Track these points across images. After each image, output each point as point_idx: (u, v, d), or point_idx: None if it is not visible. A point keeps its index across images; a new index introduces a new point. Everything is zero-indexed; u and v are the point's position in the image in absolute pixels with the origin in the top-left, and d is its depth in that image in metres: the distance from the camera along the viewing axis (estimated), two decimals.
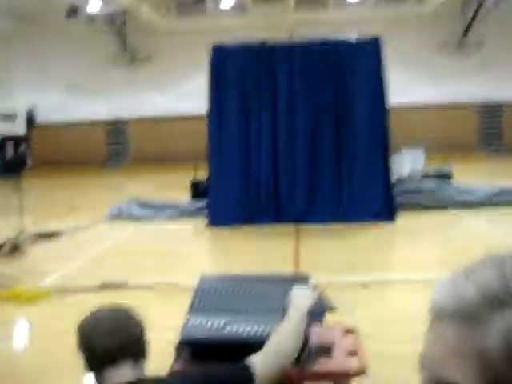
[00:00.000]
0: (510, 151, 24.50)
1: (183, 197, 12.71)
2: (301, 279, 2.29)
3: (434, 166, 14.25)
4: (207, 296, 2.18)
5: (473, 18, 24.10)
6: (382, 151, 10.52)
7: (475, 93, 25.08)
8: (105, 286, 6.35)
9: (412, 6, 23.74)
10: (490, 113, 25.71)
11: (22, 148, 27.29)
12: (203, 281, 2.31)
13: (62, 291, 6.38)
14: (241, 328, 2.04)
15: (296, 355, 1.90)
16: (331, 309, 2.37)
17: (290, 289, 2.01)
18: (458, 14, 24.33)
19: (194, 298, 2.20)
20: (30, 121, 27.46)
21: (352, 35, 11.23)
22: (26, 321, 5.92)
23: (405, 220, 10.15)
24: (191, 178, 13.26)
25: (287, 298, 1.99)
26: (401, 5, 23.81)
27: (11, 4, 22.00)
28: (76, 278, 6.98)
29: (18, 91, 27.41)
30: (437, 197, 11.25)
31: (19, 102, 27.27)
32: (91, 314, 1.77)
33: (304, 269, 6.80)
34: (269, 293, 2.17)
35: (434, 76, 25.40)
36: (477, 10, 23.57)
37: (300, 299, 2.02)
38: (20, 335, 5.67)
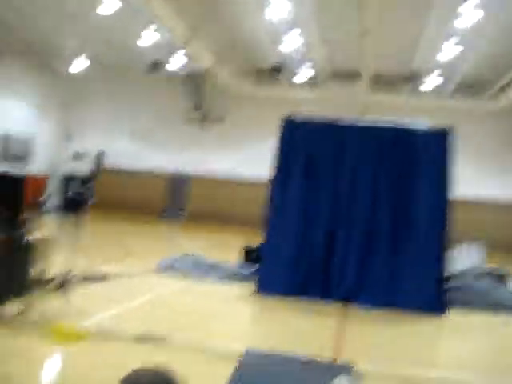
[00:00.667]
0: None
1: (235, 259, 12.71)
2: (343, 369, 2.22)
3: (491, 266, 13.80)
4: (249, 372, 2.13)
5: None
6: (440, 243, 10.28)
7: None
8: (143, 338, 6.32)
9: (486, 100, 23.65)
10: None
11: (87, 186, 28.15)
12: (248, 355, 2.26)
13: (101, 335, 6.39)
14: None
15: None
16: None
17: (332, 378, 1.94)
18: None
19: (237, 371, 2.15)
20: (98, 163, 28.41)
21: (424, 122, 11.22)
22: (62, 359, 5.92)
23: (453, 316, 9.80)
24: (245, 242, 13.28)
25: None
26: (475, 98, 23.76)
27: (100, 51, 23.19)
28: (117, 324, 6.98)
29: (92, 135, 28.53)
30: (489, 298, 10.84)
31: (91, 144, 28.34)
32: (134, 372, 1.75)
33: (345, 352, 6.60)
34: (311, 379, 2.11)
35: (504, 172, 24.99)
36: None
37: None
38: (51, 373, 5.67)
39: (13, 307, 6.83)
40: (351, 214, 10.48)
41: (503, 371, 6.73)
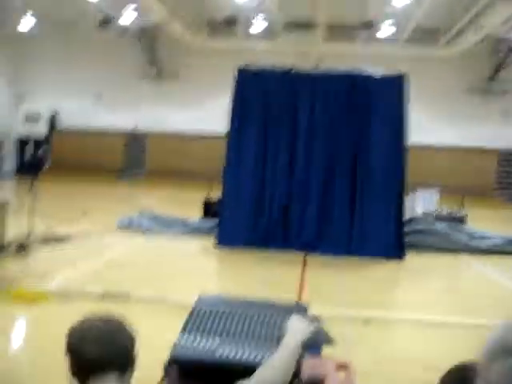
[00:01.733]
0: None
1: (195, 214, 12.73)
2: (299, 309, 2.26)
3: (449, 209, 14.15)
4: (203, 316, 2.16)
5: (500, 64, 24.11)
6: (398, 189, 10.46)
7: (496, 139, 25.01)
8: (106, 296, 6.34)
9: (441, 47, 23.79)
10: (509, 160, 25.58)
11: (42, 150, 27.57)
12: (201, 300, 2.28)
13: (64, 296, 6.37)
14: (233, 352, 2.01)
15: None
16: (329, 342, 2.34)
17: (288, 318, 1.97)
18: (486, 58, 24.36)
19: (190, 316, 2.17)
20: (53, 124, 27.78)
21: (378, 70, 11.24)
22: (24, 322, 5.91)
23: (414, 260, 10.08)
24: (204, 197, 13.29)
25: (283, 327, 1.95)
26: (430, 45, 23.87)
27: (47, 9, 22.40)
28: (79, 285, 6.96)
29: (44, 94, 27.78)
30: (449, 240, 11.14)
31: (43, 104, 27.62)
32: (82, 320, 1.74)
33: (307, 298, 6.74)
34: (265, 320, 2.14)
35: (457, 118, 25.39)
36: (505, 56, 23.59)
37: (296, 330, 1.99)
38: (16, 335, 5.65)
39: None
40: (309, 163, 10.52)
41: (463, 312, 6.97)
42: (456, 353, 1.87)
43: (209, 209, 12.58)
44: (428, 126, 23.85)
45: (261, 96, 10.64)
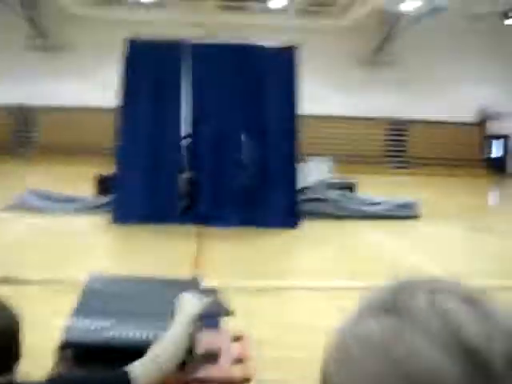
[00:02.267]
0: (413, 166, 25.68)
1: (88, 191, 12.39)
2: (191, 283, 2.27)
3: (340, 177, 14.65)
4: (94, 296, 2.12)
5: (388, 35, 25.02)
6: (290, 159, 10.66)
7: (385, 108, 26.06)
8: None
9: (332, 18, 24.30)
10: (397, 129, 26.80)
11: None
12: (92, 280, 2.24)
13: None
14: (125, 332, 1.99)
15: (179, 362, 1.88)
16: (227, 313, 2.36)
17: (179, 293, 1.97)
18: (375, 29, 25.16)
19: (80, 297, 2.12)
20: None
21: (269, 42, 11.32)
22: None
23: (306, 228, 10.37)
24: (97, 173, 12.94)
25: (175, 302, 1.95)
26: (321, 16, 24.32)
27: None
28: None
29: None
30: (339, 207, 11.56)
31: None
32: None
33: (203, 271, 6.78)
34: (157, 297, 2.14)
35: (347, 88, 26.15)
36: (392, 28, 24.48)
37: (188, 304, 1.99)
38: None
39: None
40: (201, 136, 10.49)
41: (357, 276, 7.26)
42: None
43: (103, 185, 12.27)
44: (319, 96, 24.38)
45: (151, 67, 10.43)
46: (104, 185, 12.09)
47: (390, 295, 0.61)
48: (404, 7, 21.92)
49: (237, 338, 2.47)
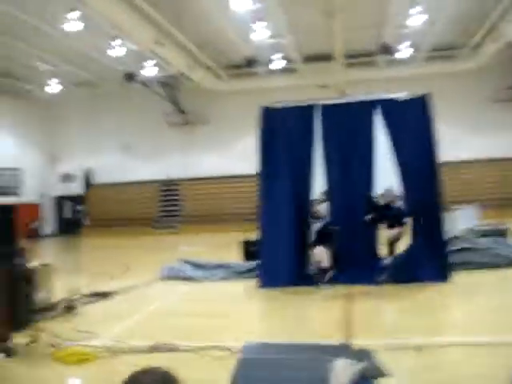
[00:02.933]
0: None
1: (233, 257, 12.73)
2: (343, 348, 2.24)
3: (489, 224, 13.88)
4: (250, 365, 2.15)
5: None
6: (436, 209, 10.29)
7: None
8: (155, 348, 6.34)
9: (461, 60, 23.67)
10: None
11: (80, 208, 28.09)
12: (246, 349, 2.28)
13: (113, 352, 6.40)
14: None
15: None
16: (382, 375, 2.30)
17: (332, 359, 1.96)
18: (508, 65, 24.13)
19: (237, 367, 2.17)
20: (88, 182, 28.36)
21: (401, 94, 11.18)
22: (77, 381, 5.94)
23: (459, 280, 9.85)
24: (242, 239, 13.29)
25: (329, 369, 1.94)
26: (450, 60, 23.78)
27: (71, 73, 23.08)
28: (127, 339, 6.99)
29: (77, 153, 28.46)
30: (494, 255, 10.90)
31: (78, 163, 28.26)
32: (131, 375, 1.75)
33: (356, 332, 6.63)
34: (311, 364, 2.13)
35: (487, 129, 25.07)
36: None
37: (339, 373, 1.97)
38: None
39: (22, 337, 6.84)
40: (344, 196, 10.50)
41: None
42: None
43: (248, 249, 12.58)
44: (457, 141, 23.58)
45: (285, 132, 10.67)
46: (250, 249, 12.40)
47: None
48: None
49: None
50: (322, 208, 7.68)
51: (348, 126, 10.55)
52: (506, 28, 19.05)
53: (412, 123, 10.36)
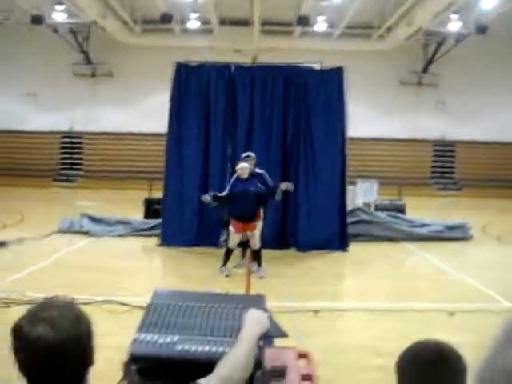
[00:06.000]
0: (461, 188, 25.21)
1: (136, 215, 12.57)
2: (257, 300, 2.25)
3: (388, 199, 14.48)
4: (160, 311, 2.11)
5: (431, 58, 24.80)
6: (339, 180, 10.56)
7: (429, 130, 25.76)
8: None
9: (375, 41, 24.23)
10: (444, 150, 26.41)
11: None
12: (157, 296, 2.24)
13: (5, 303, 6.15)
14: (193, 347, 1.97)
15: (247, 378, 1.84)
16: (282, 335, 2.33)
17: (245, 309, 1.95)
18: (417, 52, 24.98)
19: (147, 312, 2.12)
20: None
21: (315, 65, 11.33)
22: None
23: (356, 249, 10.25)
24: (145, 197, 13.13)
25: (242, 318, 1.93)
26: (364, 40, 24.28)
27: None
28: (22, 290, 6.73)
29: None
30: (390, 228, 11.39)
31: None
32: (37, 305, 1.56)
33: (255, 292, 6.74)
34: (223, 312, 2.12)
35: (392, 111, 25.96)
36: (436, 50, 24.27)
37: (254, 321, 1.95)
38: None
39: None
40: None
41: (407, 297, 7.13)
42: (405, 337, 1.90)
43: (151, 208, 12.44)
44: (364, 119, 24.26)
45: (200, 90, 10.51)
46: (152, 208, 12.27)
47: None
48: (447, 28, 21.85)
49: (301, 356, 2.43)
50: (243, 168, 7.67)
51: (266, 90, 10.51)
52: (419, 14, 19.70)
53: (324, 94, 10.52)
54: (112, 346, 3.26)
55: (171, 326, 2.07)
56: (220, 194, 8.22)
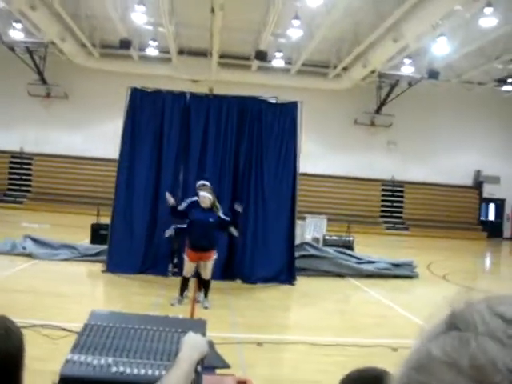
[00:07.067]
0: (409, 227, 25.72)
1: (83, 239, 12.33)
2: (197, 324, 2.20)
3: (337, 235, 14.63)
4: (96, 332, 2.04)
5: (385, 99, 25.42)
6: (289, 214, 10.59)
7: (380, 169, 26.28)
8: None
9: (331, 80, 24.70)
10: (393, 189, 26.94)
11: None
12: (94, 316, 2.17)
13: None
14: (127, 369, 1.91)
15: None
16: (224, 365, 2.29)
17: (184, 333, 1.90)
18: (373, 92, 25.57)
19: (82, 333, 2.05)
20: None
21: (271, 99, 11.42)
22: None
23: (303, 283, 10.28)
24: (93, 222, 12.91)
25: (180, 342, 1.88)
26: (320, 78, 24.73)
27: None
28: None
29: None
30: (336, 264, 11.46)
31: None
32: None
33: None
34: (161, 335, 2.07)
35: (345, 149, 26.39)
36: (389, 92, 24.90)
37: (192, 345, 1.91)
38: None
39: None
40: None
41: (351, 332, 7.16)
42: (347, 370, 1.88)
43: (97, 234, 12.22)
44: (317, 156, 24.60)
45: (154, 116, 10.45)
46: (99, 234, 12.07)
47: (447, 317, 0.58)
48: (401, 71, 22.56)
49: (241, 383, 2.38)
50: (205, 198, 7.58)
51: (220, 120, 10.53)
52: (374, 56, 20.28)
53: (278, 127, 10.62)
54: (45, 370, 3.15)
55: (106, 348, 2.01)
56: (180, 226, 8.19)
